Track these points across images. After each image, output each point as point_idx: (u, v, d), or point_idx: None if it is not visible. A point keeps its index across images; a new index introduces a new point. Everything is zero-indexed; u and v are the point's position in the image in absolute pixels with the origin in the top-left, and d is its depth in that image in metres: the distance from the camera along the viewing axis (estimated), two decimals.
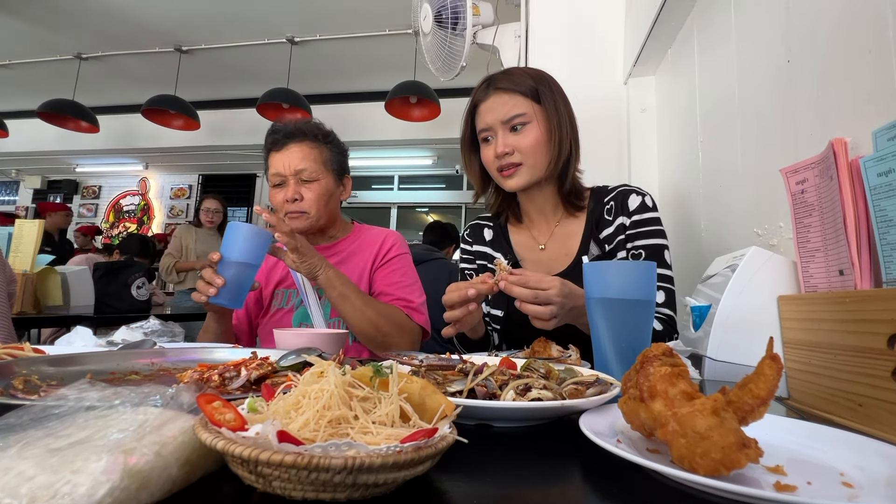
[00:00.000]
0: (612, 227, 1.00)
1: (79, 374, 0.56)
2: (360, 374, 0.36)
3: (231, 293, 0.92)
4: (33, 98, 4.55)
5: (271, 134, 1.23)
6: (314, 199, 1.20)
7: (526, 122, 0.98)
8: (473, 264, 1.16)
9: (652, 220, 0.99)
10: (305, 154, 1.20)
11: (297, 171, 1.18)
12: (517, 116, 0.98)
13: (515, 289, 0.76)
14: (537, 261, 1.07)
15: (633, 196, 1.00)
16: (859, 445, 0.38)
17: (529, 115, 0.99)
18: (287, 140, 1.20)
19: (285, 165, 1.18)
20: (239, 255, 0.92)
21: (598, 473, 0.36)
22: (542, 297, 0.76)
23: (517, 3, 1.95)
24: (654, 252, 0.96)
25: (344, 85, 5.28)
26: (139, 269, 2.49)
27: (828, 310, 0.56)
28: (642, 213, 0.99)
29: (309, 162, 1.19)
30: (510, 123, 0.99)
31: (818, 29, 0.75)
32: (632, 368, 0.41)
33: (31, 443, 0.27)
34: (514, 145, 0.99)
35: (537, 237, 1.09)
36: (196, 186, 7.05)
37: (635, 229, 0.98)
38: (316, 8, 3.92)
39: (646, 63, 1.61)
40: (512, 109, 0.99)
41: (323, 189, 1.21)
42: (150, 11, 4.04)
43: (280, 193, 1.20)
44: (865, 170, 0.53)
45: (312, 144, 1.22)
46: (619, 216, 1.00)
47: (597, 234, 1.02)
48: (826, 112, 0.73)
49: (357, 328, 1.10)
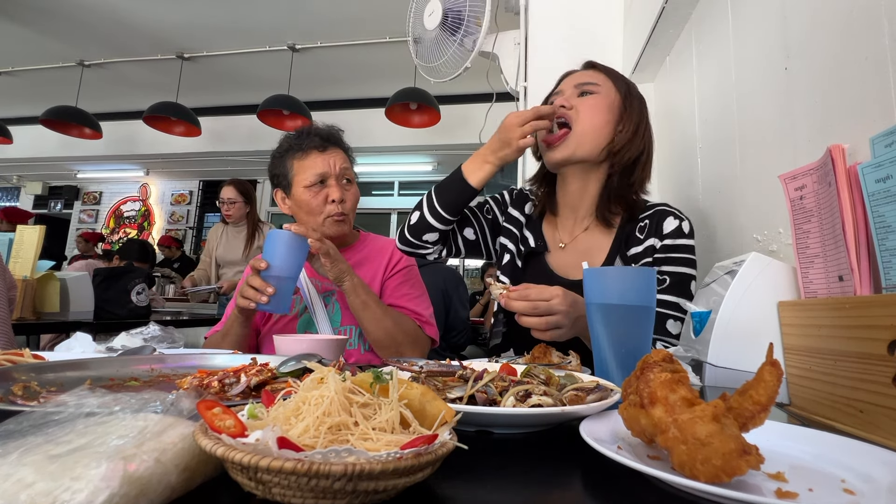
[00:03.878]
0: (642, 246, 0.94)
1: (78, 380, 0.56)
2: (360, 381, 0.36)
3: (279, 300, 0.97)
4: (36, 105, 4.57)
5: (310, 136, 1.22)
6: (354, 202, 1.25)
7: (595, 91, 0.97)
8: (500, 215, 1.11)
9: (685, 247, 0.92)
10: (344, 159, 1.24)
11: (342, 171, 1.21)
12: (589, 84, 0.97)
13: (514, 303, 0.75)
14: (561, 257, 1.02)
15: (671, 219, 0.94)
16: (861, 452, 0.38)
17: (603, 88, 0.97)
18: (327, 143, 1.22)
19: (331, 164, 1.20)
20: (282, 263, 0.98)
21: (599, 480, 0.36)
22: (542, 308, 0.74)
23: (516, 10, 1.96)
24: (679, 281, 0.90)
25: (344, 91, 5.31)
26: (139, 275, 2.49)
27: (828, 316, 0.56)
28: (676, 238, 0.92)
29: (348, 165, 1.24)
30: (581, 88, 0.97)
31: (815, 36, 0.76)
32: (632, 374, 0.41)
33: (31, 449, 0.26)
34: (575, 104, 0.96)
35: (562, 234, 1.05)
36: (197, 192, 7.06)
37: (665, 254, 0.92)
38: (317, 16, 3.95)
39: (644, 70, 1.62)
40: (590, 78, 0.98)
41: (358, 194, 1.27)
42: (153, 19, 4.07)
43: (321, 193, 1.19)
44: (863, 176, 0.53)
45: (344, 152, 1.26)
46: (651, 237, 0.94)
47: (624, 250, 0.96)
48: (824, 119, 0.73)
49: (374, 336, 1.12)
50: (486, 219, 1.12)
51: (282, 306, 0.98)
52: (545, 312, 0.75)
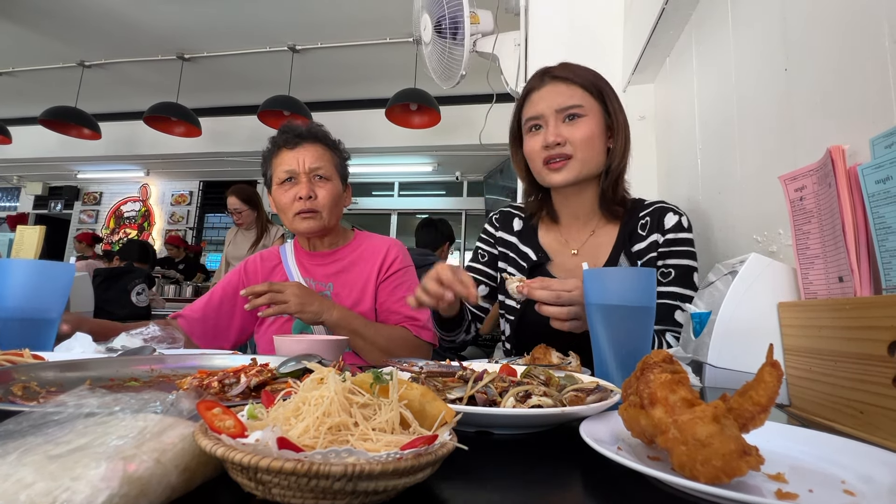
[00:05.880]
0: (645, 242, 0.98)
1: (78, 380, 0.56)
2: (360, 381, 0.36)
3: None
4: (36, 105, 4.57)
5: (282, 133, 1.22)
6: (328, 199, 1.20)
7: (582, 113, 0.95)
8: (494, 249, 1.13)
9: (685, 240, 0.97)
10: (319, 154, 1.21)
11: (311, 169, 1.18)
12: (573, 107, 0.95)
13: (538, 292, 0.77)
14: (565, 265, 1.04)
15: (671, 215, 0.98)
16: (861, 453, 0.38)
17: (587, 107, 0.95)
18: (300, 139, 1.20)
19: (300, 162, 1.18)
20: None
21: (599, 481, 0.36)
22: (564, 298, 0.76)
23: (516, 11, 1.97)
24: (683, 272, 0.95)
25: (345, 92, 5.31)
26: (139, 276, 2.50)
27: (828, 316, 0.56)
28: (677, 232, 0.97)
29: (323, 162, 1.21)
30: (565, 113, 0.95)
31: (815, 38, 0.76)
32: (632, 375, 0.41)
33: (31, 449, 0.26)
34: (567, 136, 0.94)
35: (570, 241, 1.06)
36: (197, 193, 7.06)
37: (668, 248, 0.96)
38: (317, 16, 3.96)
39: (644, 71, 1.63)
40: (569, 99, 0.95)
41: (335, 190, 1.22)
42: (153, 19, 4.08)
43: (290, 191, 1.18)
44: (863, 177, 0.53)
45: (324, 147, 1.23)
46: (654, 233, 0.98)
47: (629, 246, 0.99)
48: (824, 120, 0.73)
49: (369, 357, 1.11)
50: (485, 263, 1.14)
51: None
52: (567, 303, 0.76)
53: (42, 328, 0.84)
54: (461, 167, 6.26)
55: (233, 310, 1.26)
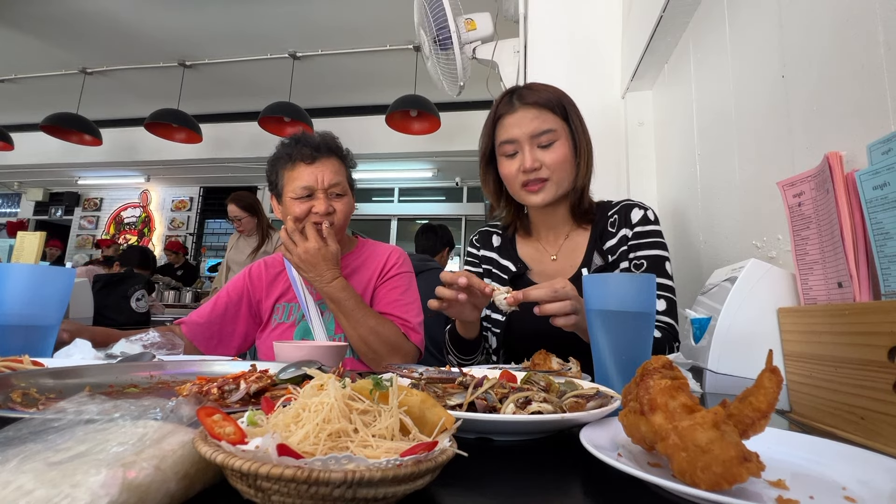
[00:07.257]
0: (615, 238, 1.03)
1: (77, 386, 0.56)
2: (359, 387, 0.36)
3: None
4: (37, 111, 4.60)
5: (299, 145, 1.19)
6: (345, 214, 1.22)
7: (554, 139, 1.00)
8: (479, 268, 1.18)
9: (653, 232, 1.01)
10: (336, 169, 1.21)
11: (330, 186, 1.18)
12: (547, 132, 1.00)
13: (533, 292, 0.78)
14: (545, 271, 1.09)
15: (636, 210, 1.03)
16: (862, 459, 0.38)
17: (558, 132, 1.01)
18: (318, 154, 1.19)
19: (318, 179, 1.17)
20: None
21: (599, 487, 0.36)
22: (560, 293, 0.78)
23: (516, 18, 1.98)
24: (655, 262, 0.98)
25: (345, 99, 5.34)
26: (139, 281, 2.50)
27: (828, 322, 0.56)
28: (644, 225, 1.01)
29: (340, 177, 1.21)
30: (538, 140, 1.00)
31: (811, 45, 0.76)
32: (632, 381, 0.41)
33: (30, 456, 0.26)
34: (543, 160, 1.00)
35: (547, 248, 1.11)
36: (197, 199, 7.08)
37: (637, 240, 1.01)
38: (318, 24, 3.99)
39: (643, 78, 1.64)
40: (542, 125, 1.00)
41: (350, 205, 1.24)
42: (155, 27, 4.11)
43: (306, 204, 1.17)
44: (861, 183, 0.54)
45: (339, 161, 1.23)
46: (623, 228, 1.02)
47: (600, 245, 1.04)
48: (821, 126, 0.74)
49: (351, 342, 1.13)
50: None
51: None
52: (563, 297, 0.78)
53: (42, 334, 0.84)
54: (461, 173, 6.29)
55: (237, 315, 1.26)
